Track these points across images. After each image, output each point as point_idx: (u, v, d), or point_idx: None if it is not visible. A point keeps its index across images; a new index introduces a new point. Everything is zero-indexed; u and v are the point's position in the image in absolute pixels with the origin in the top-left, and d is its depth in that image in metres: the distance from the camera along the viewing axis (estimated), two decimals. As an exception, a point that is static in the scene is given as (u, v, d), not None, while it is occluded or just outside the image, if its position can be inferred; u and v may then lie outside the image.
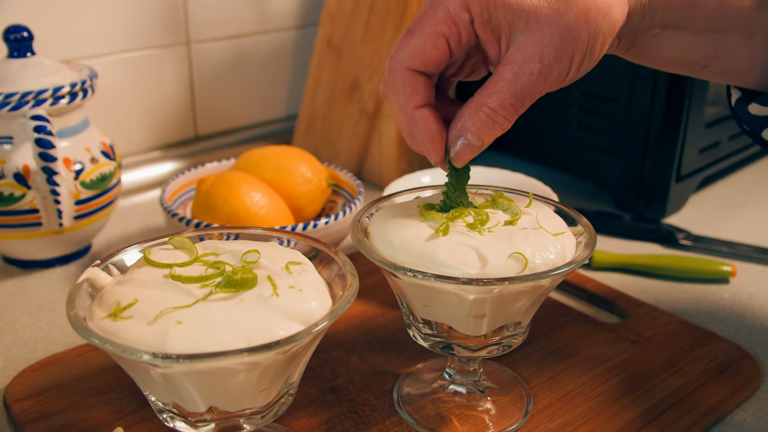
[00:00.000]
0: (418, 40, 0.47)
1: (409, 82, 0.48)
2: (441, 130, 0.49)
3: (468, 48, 0.49)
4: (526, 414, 0.55)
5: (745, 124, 0.56)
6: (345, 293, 0.43)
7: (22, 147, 0.70)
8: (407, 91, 0.48)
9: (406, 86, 0.48)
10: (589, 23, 0.45)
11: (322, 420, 0.54)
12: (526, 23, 0.45)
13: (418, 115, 0.48)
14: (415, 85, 0.48)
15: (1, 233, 0.72)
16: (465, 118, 0.48)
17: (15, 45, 0.72)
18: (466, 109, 0.48)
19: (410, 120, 0.49)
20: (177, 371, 0.39)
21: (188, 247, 0.47)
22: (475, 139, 0.48)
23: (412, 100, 0.48)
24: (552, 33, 0.45)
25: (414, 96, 0.48)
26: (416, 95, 0.48)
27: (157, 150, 1.02)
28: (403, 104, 0.48)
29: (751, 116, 0.55)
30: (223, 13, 1.02)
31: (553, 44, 0.45)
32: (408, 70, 0.47)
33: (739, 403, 0.58)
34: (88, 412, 0.55)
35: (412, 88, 0.48)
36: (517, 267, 0.46)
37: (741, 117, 0.56)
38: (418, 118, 0.48)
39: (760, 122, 0.55)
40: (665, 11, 0.49)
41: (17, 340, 0.66)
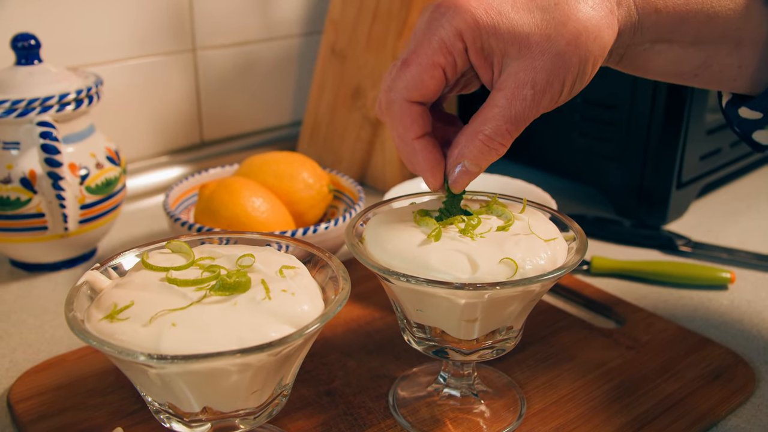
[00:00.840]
0: (414, 71, 0.47)
1: (407, 113, 0.48)
2: (440, 160, 0.50)
3: (462, 72, 0.49)
4: (519, 417, 0.56)
5: (735, 126, 0.57)
6: (337, 297, 0.44)
7: (28, 152, 0.72)
8: (406, 123, 0.49)
9: (405, 118, 0.49)
10: (579, 48, 0.46)
11: (318, 422, 0.55)
12: (518, 50, 0.46)
13: (417, 145, 0.49)
14: (414, 116, 0.49)
15: (7, 237, 0.74)
16: (462, 145, 0.49)
17: (22, 53, 0.74)
18: (462, 137, 0.49)
19: (410, 149, 0.50)
20: (171, 372, 0.40)
21: (185, 251, 0.48)
22: (473, 166, 0.49)
23: (412, 131, 0.49)
24: (544, 59, 0.46)
25: (413, 126, 0.49)
26: (415, 125, 0.49)
27: (164, 155, 1.04)
28: (401, 134, 0.49)
29: (741, 119, 0.56)
30: (229, 20, 1.03)
31: (545, 70, 0.46)
32: (406, 101, 0.48)
33: (732, 409, 0.58)
34: (89, 413, 0.56)
35: (411, 119, 0.48)
36: (507, 272, 0.47)
37: (732, 119, 0.57)
38: (417, 148, 0.49)
39: (750, 125, 0.56)
40: (655, 27, 0.50)
41: (22, 341, 0.67)
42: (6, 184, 0.71)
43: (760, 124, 0.56)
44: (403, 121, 0.49)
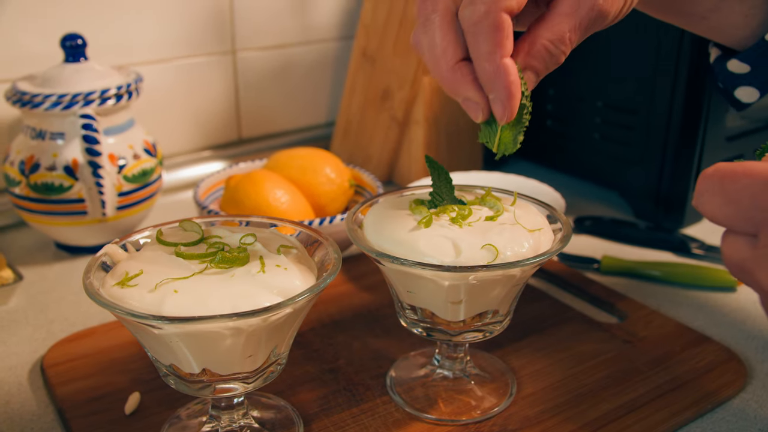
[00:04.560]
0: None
1: (502, 26, 0.44)
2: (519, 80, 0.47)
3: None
4: (507, 399, 0.59)
5: (720, 82, 0.58)
6: (327, 272, 0.48)
7: (72, 142, 0.78)
8: (500, 38, 0.44)
9: (499, 33, 0.44)
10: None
11: (319, 395, 0.59)
12: None
13: (506, 66, 0.45)
14: (508, 30, 0.44)
15: (52, 220, 0.80)
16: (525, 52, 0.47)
17: (70, 51, 0.80)
18: (525, 43, 0.47)
19: (493, 70, 0.45)
20: (171, 332, 0.44)
21: (196, 230, 0.53)
22: (533, 75, 0.48)
23: (505, 48, 0.44)
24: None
25: (506, 43, 0.44)
26: (508, 41, 0.45)
27: (204, 150, 1.10)
28: (488, 53, 0.44)
29: (727, 73, 0.57)
30: (268, 24, 1.09)
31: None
32: (504, 12, 0.44)
33: (720, 403, 0.60)
34: (112, 378, 0.61)
35: (505, 34, 0.44)
36: (488, 257, 0.50)
37: (718, 74, 0.58)
38: (507, 69, 0.45)
39: (735, 80, 0.57)
40: None
41: (59, 315, 0.73)
42: (51, 171, 0.78)
43: (746, 80, 0.57)
44: (497, 37, 0.44)
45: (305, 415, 0.57)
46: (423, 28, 0.46)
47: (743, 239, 0.37)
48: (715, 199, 0.37)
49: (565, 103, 1.01)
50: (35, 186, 0.78)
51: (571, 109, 1.00)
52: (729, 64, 0.57)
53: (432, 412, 0.57)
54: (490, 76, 0.45)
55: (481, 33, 0.44)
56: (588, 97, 0.97)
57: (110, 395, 0.59)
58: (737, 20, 0.55)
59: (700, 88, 0.85)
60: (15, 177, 0.79)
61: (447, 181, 0.55)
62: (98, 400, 0.58)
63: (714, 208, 0.37)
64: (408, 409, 0.58)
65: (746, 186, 0.36)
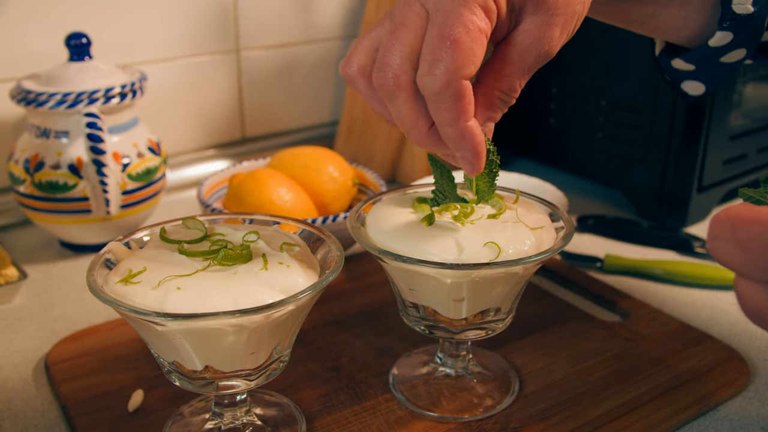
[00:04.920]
0: (467, 44, 0.43)
1: (464, 93, 0.44)
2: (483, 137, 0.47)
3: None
4: (509, 397, 0.59)
5: (667, 75, 0.59)
6: (330, 269, 0.49)
7: (76, 141, 0.78)
8: (462, 105, 0.44)
9: (461, 100, 0.44)
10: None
11: (321, 393, 0.60)
12: (536, 6, 0.46)
13: (471, 128, 0.45)
14: (469, 96, 0.45)
15: (56, 218, 0.81)
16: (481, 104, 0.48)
17: (75, 50, 0.80)
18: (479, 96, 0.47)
19: (458, 134, 0.45)
20: (173, 329, 0.45)
21: (200, 228, 0.53)
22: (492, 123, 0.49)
23: (468, 113, 0.45)
24: (558, 13, 0.46)
25: (470, 107, 0.45)
26: (470, 106, 0.45)
27: (207, 149, 1.10)
28: (452, 119, 0.45)
29: (673, 69, 0.58)
30: (272, 23, 1.09)
31: (559, 24, 0.46)
32: (462, 80, 0.44)
33: (722, 401, 0.60)
34: (115, 376, 0.61)
35: (468, 99, 0.44)
36: (490, 255, 0.50)
37: (664, 68, 0.59)
38: (471, 131, 0.45)
39: (681, 75, 0.58)
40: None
41: (63, 313, 0.73)
42: (56, 169, 0.78)
43: (691, 75, 0.58)
44: (459, 105, 0.44)
45: (308, 412, 0.57)
46: (389, 101, 0.46)
47: (760, 286, 0.36)
48: (728, 246, 0.36)
49: (569, 101, 1.01)
50: (40, 184, 0.78)
51: (575, 107, 1.00)
52: (673, 62, 0.57)
53: (434, 410, 0.57)
54: (456, 139, 0.46)
55: (443, 102, 0.44)
56: (591, 95, 0.97)
57: (114, 392, 0.59)
58: (675, 24, 0.55)
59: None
60: (20, 175, 0.79)
61: (449, 179, 0.56)
62: (102, 398, 0.59)
63: (727, 255, 0.36)
64: (410, 406, 0.58)
65: (760, 235, 0.35)
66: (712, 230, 0.37)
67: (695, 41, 0.56)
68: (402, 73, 0.45)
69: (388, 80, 0.45)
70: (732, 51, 0.56)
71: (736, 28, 0.54)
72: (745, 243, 0.35)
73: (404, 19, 0.45)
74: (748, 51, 0.56)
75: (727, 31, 0.54)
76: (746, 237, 0.35)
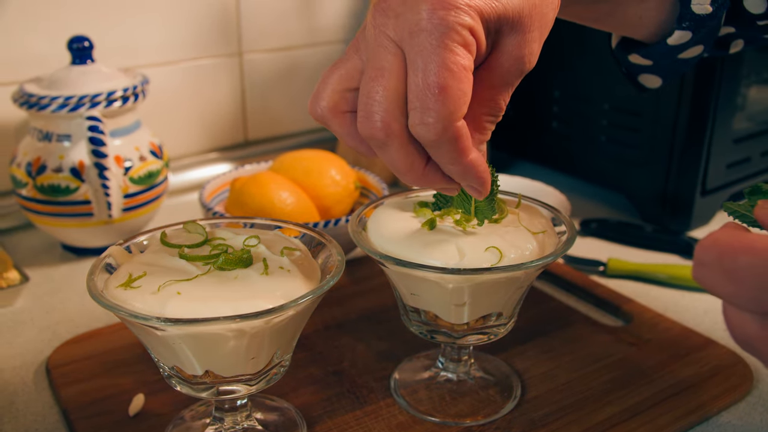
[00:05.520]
0: (456, 88, 0.41)
1: (461, 136, 0.42)
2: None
3: None
4: (511, 402, 0.59)
5: (623, 68, 0.59)
6: (330, 274, 0.48)
7: (78, 144, 0.78)
8: (464, 145, 0.43)
9: (460, 142, 0.43)
10: (553, 4, 0.46)
11: (322, 398, 0.59)
12: (511, 27, 0.44)
13: (474, 160, 0.44)
14: (466, 133, 0.43)
15: (58, 222, 0.80)
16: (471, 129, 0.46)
17: (77, 53, 0.80)
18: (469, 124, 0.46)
19: (463, 169, 0.44)
20: (173, 334, 0.44)
21: (200, 232, 0.53)
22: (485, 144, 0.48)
23: (468, 149, 0.43)
24: (533, 30, 0.45)
25: (468, 144, 0.43)
26: (469, 142, 0.43)
27: (210, 152, 1.10)
28: (454, 159, 0.43)
29: (630, 62, 0.58)
30: (274, 26, 1.09)
31: (536, 40, 0.45)
32: (456, 123, 0.42)
33: (725, 407, 0.60)
34: (116, 380, 0.61)
35: (465, 137, 0.43)
36: (492, 260, 0.50)
37: (621, 61, 0.59)
38: (475, 163, 0.44)
39: (637, 68, 0.58)
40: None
41: (65, 316, 0.73)
42: (58, 173, 0.78)
43: (648, 70, 0.58)
44: (458, 146, 0.43)
45: (308, 417, 0.57)
46: (380, 150, 0.44)
47: (750, 317, 0.35)
48: (715, 275, 0.35)
49: (571, 105, 1.01)
50: (42, 188, 0.78)
51: (577, 111, 1.00)
52: (630, 57, 0.57)
53: (436, 415, 0.57)
54: (461, 174, 0.45)
55: (442, 147, 0.43)
56: (594, 99, 0.97)
57: (114, 396, 0.59)
58: (632, 21, 0.55)
59: (707, 90, 0.85)
60: (22, 179, 0.79)
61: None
62: (102, 402, 0.59)
63: (714, 284, 0.36)
64: (412, 411, 0.58)
65: (748, 265, 0.34)
66: (698, 257, 0.36)
67: (653, 38, 0.56)
68: (392, 121, 0.42)
69: (378, 130, 0.43)
70: (690, 48, 0.55)
71: (695, 27, 0.53)
72: (732, 273, 0.34)
73: (381, 62, 0.42)
74: (705, 47, 0.56)
75: (686, 30, 0.53)
76: (733, 266, 0.34)
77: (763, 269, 0.34)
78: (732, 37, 0.58)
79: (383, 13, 0.42)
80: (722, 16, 0.54)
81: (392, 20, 0.42)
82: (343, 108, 0.45)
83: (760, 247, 0.34)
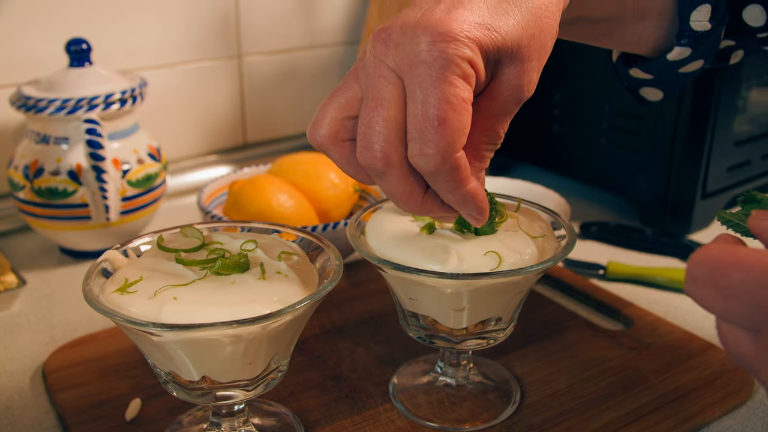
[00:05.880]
0: (456, 120, 0.41)
1: (460, 166, 0.43)
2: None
3: None
4: (511, 407, 0.58)
5: (624, 81, 0.59)
6: (328, 279, 0.48)
7: (76, 147, 0.78)
8: (463, 174, 0.43)
9: (458, 172, 0.43)
10: (551, 33, 0.46)
11: (320, 403, 0.59)
12: (510, 57, 0.45)
13: (474, 188, 0.45)
14: (465, 163, 0.43)
15: (56, 225, 0.80)
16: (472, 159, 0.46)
17: (75, 56, 0.80)
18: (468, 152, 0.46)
19: (461, 198, 0.44)
20: (169, 340, 0.44)
21: (197, 236, 0.52)
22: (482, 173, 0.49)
23: (467, 179, 0.44)
24: (532, 60, 0.45)
25: (467, 174, 0.44)
26: (467, 171, 0.44)
27: (208, 155, 1.10)
28: (452, 188, 0.44)
29: (630, 76, 0.58)
30: (274, 28, 1.09)
31: (535, 70, 0.46)
32: (455, 154, 0.42)
33: (726, 412, 0.59)
34: (112, 385, 0.61)
35: (464, 167, 0.43)
36: (491, 264, 0.49)
37: (621, 75, 0.59)
38: (474, 192, 0.45)
39: (638, 82, 0.58)
40: (579, 4, 0.50)
41: (62, 320, 0.73)
42: (55, 175, 0.78)
43: (649, 83, 0.58)
44: (457, 176, 0.43)
45: (306, 422, 0.57)
46: (379, 179, 0.45)
47: (743, 332, 0.35)
48: (708, 290, 0.35)
49: (572, 107, 1.00)
50: (39, 191, 0.78)
51: (578, 113, 1.00)
52: (631, 71, 0.57)
53: (435, 420, 0.57)
54: (460, 203, 0.45)
55: (440, 177, 0.43)
56: (594, 101, 0.97)
57: (111, 401, 0.59)
58: (631, 39, 0.55)
59: (708, 93, 0.85)
60: (19, 181, 0.79)
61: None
62: (99, 407, 0.58)
63: (707, 300, 0.35)
64: (410, 416, 0.57)
65: (741, 282, 0.34)
66: (690, 272, 0.36)
67: (653, 53, 0.56)
68: (392, 151, 0.43)
69: (377, 160, 0.43)
70: (690, 63, 0.56)
71: (694, 44, 0.53)
72: (725, 289, 0.34)
73: (380, 92, 0.43)
74: (705, 61, 0.56)
75: (686, 47, 0.54)
76: (726, 283, 0.34)
77: (755, 285, 0.34)
78: (732, 48, 0.58)
79: (383, 43, 0.43)
80: (721, 32, 0.54)
81: (392, 50, 0.42)
82: (342, 136, 0.46)
83: (752, 263, 0.34)
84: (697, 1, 0.52)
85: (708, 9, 0.52)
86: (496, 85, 0.45)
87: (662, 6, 0.53)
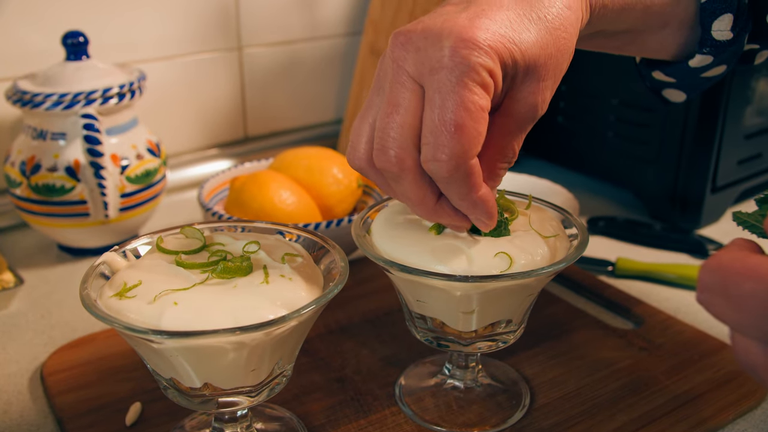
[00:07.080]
0: (471, 127, 0.42)
1: (472, 173, 0.43)
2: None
3: None
4: (520, 410, 0.57)
5: (647, 83, 0.59)
6: (334, 282, 0.46)
7: (73, 143, 0.76)
8: (476, 181, 0.44)
9: (471, 179, 0.44)
10: (568, 53, 0.46)
11: (325, 406, 0.57)
12: (526, 73, 0.45)
13: (485, 195, 0.45)
14: (478, 170, 0.44)
15: (54, 222, 0.79)
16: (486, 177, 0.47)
17: (72, 49, 0.78)
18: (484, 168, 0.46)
19: (471, 204, 0.45)
20: (170, 347, 0.42)
21: (198, 237, 0.51)
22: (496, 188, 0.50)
23: (478, 186, 0.45)
24: (548, 78, 0.45)
25: (479, 181, 0.44)
26: (480, 179, 0.45)
27: (209, 149, 1.08)
28: (464, 195, 0.44)
29: (653, 78, 0.58)
30: (274, 20, 1.07)
31: (550, 89, 0.46)
32: (469, 161, 0.43)
33: (740, 414, 0.58)
34: (112, 388, 0.59)
35: (477, 174, 0.44)
36: (502, 266, 0.48)
37: (645, 77, 0.59)
38: (485, 198, 0.45)
39: (661, 84, 0.58)
40: (598, 20, 0.50)
41: (61, 320, 0.71)
42: (52, 172, 0.76)
43: (672, 86, 0.58)
44: (469, 183, 0.44)
45: (311, 426, 0.55)
46: (393, 182, 0.46)
47: (755, 344, 0.35)
48: (720, 300, 0.35)
49: (579, 100, 0.98)
50: (36, 187, 0.76)
51: (585, 106, 0.98)
52: (654, 73, 0.57)
53: (442, 424, 0.55)
54: (470, 209, 0.46)
55: (453, 183, 0.44)
56: (602, 94, 0.95)
57: (111, 405, 0.57)
58: (653, 47, 0.55)
59: (718, 85, 0.83)
60: (16, 178, 0.77)
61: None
62: (98, 411, 0.57)
63: (720, 310, 0.35)
64: (418, 420, 0.56)
65: (752, 293, 0.33)
66: (702, 282, 0.35)
67: (676, 57, 0.56)
68: (406, 156, 0.44)
69: (392, 164, 0.44)
70: (713, 68, 0.55)
71: (716, 52, 0.53)
72: (737, 300, 0.34)
73: (397, 98, 0.43)
74: (728, 66, 0.56)
75: (708, 55, 0.53)
76: (738, 293, 0.34)
77: (765, 296, 0.33)
78: (756, 51, 0.57)
79: (402, 47, 0.43)
80: (744, 39, 0.53)
81: (412, 54, 0.43)
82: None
83: (762, 273, 0.33)
84: (719, 11, 0.51)
85: (730, 18, 0.51)
86: (511, 103, 0.46)
87: (684, 14, 0.52)
